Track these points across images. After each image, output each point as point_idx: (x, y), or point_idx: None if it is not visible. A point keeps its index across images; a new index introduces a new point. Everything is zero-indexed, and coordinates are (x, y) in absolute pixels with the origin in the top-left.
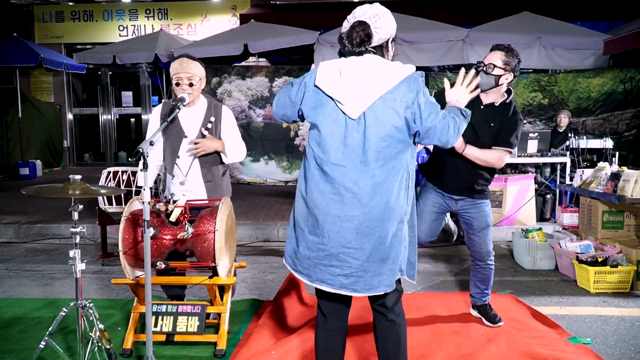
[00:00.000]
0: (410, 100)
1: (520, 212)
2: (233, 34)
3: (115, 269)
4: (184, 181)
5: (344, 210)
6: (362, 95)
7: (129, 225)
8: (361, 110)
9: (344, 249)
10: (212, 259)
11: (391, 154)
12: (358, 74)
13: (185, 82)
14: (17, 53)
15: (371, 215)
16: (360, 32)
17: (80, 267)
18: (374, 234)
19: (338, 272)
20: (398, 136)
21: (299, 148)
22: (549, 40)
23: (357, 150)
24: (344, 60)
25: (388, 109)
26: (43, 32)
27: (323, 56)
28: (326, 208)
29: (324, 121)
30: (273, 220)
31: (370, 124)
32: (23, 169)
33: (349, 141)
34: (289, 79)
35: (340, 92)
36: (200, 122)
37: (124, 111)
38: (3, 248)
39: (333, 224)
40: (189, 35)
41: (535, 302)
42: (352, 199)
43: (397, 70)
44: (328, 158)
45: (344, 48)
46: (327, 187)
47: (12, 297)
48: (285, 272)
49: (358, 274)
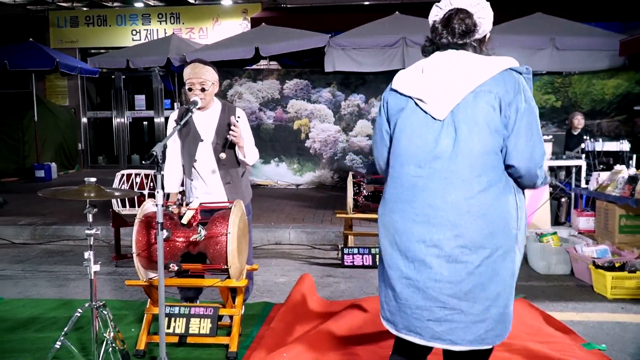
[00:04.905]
0: (507, 97)
1: (535, 216)
2: (244, 38)
3: (129, 270)
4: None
5: (429, 233)
6: (449, 90)
7: (143, 228)
8: (449, 108)
9: (432, 282)
10: (225, 262)
11: (491, 161)
12: (443, 68)
13: (198, 87)
14: (33, 57)
15: (466, 240)
16: (463, 20)
17: (95, 269)
18: (471, 262)
19: (427, 315)
20: (497, 137)
21: (310, 150)
22: (563, 42)
23: (445, 158)
24: (425, 59)
25: (482, 104)
26: (58, 37)
27: (334, 59)
28: (408, 232)
29: (403, 126)
30: (284, 223)
31: (461, 125)
32: (38, 171)
33: (434, 147)
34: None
35: (422, 89)
36: (216, 125)
37: (137, 114)
38: (19, 249)
39: (417, 251)
40: (201, 39)
41: (549, 308)
42: (440, 219)
43: (493, 63)
44: (408, 170)
45: (439, 38)
46: (406, 206)
47: (28, 298)
48: (295, 275)
49: (454, 317)
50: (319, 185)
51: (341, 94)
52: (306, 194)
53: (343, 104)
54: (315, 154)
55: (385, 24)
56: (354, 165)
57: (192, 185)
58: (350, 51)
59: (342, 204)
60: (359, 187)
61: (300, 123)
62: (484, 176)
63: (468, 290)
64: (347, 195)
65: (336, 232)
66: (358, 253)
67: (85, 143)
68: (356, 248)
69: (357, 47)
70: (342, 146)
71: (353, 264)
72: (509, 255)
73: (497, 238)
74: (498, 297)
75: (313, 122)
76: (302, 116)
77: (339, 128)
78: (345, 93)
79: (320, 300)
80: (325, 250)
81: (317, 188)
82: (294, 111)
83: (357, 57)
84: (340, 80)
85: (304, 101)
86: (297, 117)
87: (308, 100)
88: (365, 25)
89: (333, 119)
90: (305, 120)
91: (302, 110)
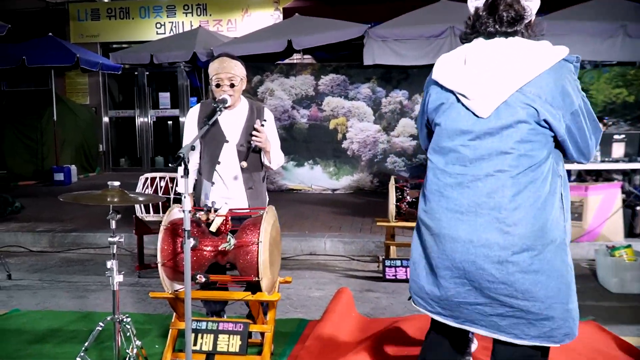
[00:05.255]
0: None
1: (605, 226)
2: (276, 30)
3: (152, 281)
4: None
5: (476, 233)
6: (495, 85)
7: (168, 236)
8: (493, 106)
9: (487, 283)
10: (256, 273)
11: (537, 156)
12: (489, 60)
13: (226, 83)
14: (53, 53)
15: (515, 237)
16: (511, 6)
17: (118, 279)
18: (523, 261)
19: (489, 311)
20: (541, 137)
21: (347, 152)
22: (636, 28)
23: (488, 156)
24: (468, 46)
25: (526, 106)
26: (78, 31)
27: (373, 52)
28: (454, 232)
29: (445, 122)
30: (319, 231)
31: (505, 123)
32: (58, 174)
33: (478, 145)
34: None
35: (465, 84)
36: (243, 125)
37: (161, 113)
38: (37, 257)
39: (466, 252)
40: (229, 32)
41: (624, 332)
42: (487, 217)
43: (543, 55)
44: (450, 169)
45: (484, 27)
46: (451, 204)
47: (46, 309)
48: (332, 289)
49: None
50: (357, 190)
51: (382, 89)
52: (343, 200)
53: (384, 101)
54: (353, 155)
55: (430, 13)
56: (396, 168)
57: (211, 188)
58: (391, 43)
59: (383, 211)
60: (401, 193)
61: (337, 122)
62: (530, 172)
63: (525, 289)
64: (388, 202)
65: (377, 242)
66: (401, 265)
67: (106, 144)
68: (399, 260)
69: (399, 38)
70: (383, 147)
71: (395, 278)
72: (561, 248)
73: (547, 233)
74: (559, 292)
75: (351, 121)
76: (339, 114)
77: (379, 127)
78: (386, 89)
79: (359, 317)
80: (365, 262)
81: (355, 193)
82: (330, 109)
83: (399, 49)
84: (381, 75)
85: (341, 98)
86: (334, 116)
87: (345, 97)
88: (408, 14)
89: (373, 117)
90: (342, 119)
91: (338, 108)
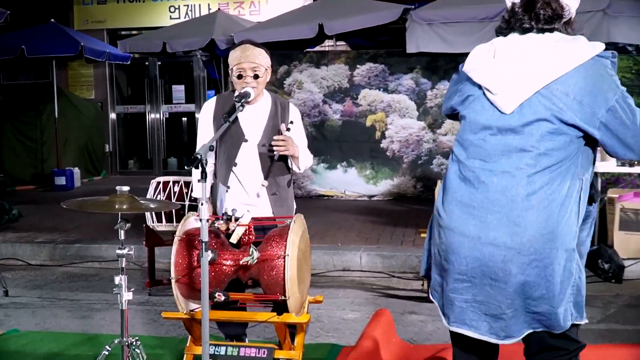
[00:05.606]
0: (584, 95)
1: None
2: (305, 13)
3: (165, 299)
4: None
5: (485, 229)
6: (520, 82)
7: (183, 248)
8: (517, 102)
9: (489, 280)
10: (282, 291)
11: (558, 156)
12: (518, 56)
13: (250, 74)
14: (55, 41)
15: (524, 238)
16: (548, 4)
17: (127, 297)
18: (529, 264)
19: (484, 310)
20: (564, 137)
21: (386, 152)
22: None
23: (507, 152)
24: (500, 39)
25: (551, 104)
26: (83, 17)
27: (417, 37)
28: (463, 226)
29: (469, 115)
30: (354, 244)
31: (527, 121)
32: (59, 178)
33: (498, 140)
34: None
35: (491, 78)
36: (265, 123)
37: (175, 109)
38: (36, 271)
39: (472, 248)
40: (252, 16)
41: None
42: (498, 215)
43: (574, 51)
44: (470, 162)
45: (520, 24)
46: (466, 197)
47: (47, 330)
48: (369, 311)
49: (509, 315)
50: (397, 197)
51: (427, 81)
52: (381, 208)
53: (429, 94)
54: (394, 157)
55: None
56: (443, 171)
57: (227, 193)
58: (438, 26)
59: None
60: None
61: (375, 118)
62: (548, 172)
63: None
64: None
65: (420, 256)
66: None
67: (113, 144)
68: None
69: (447, 20)
70: (428, 147)
71: None
72: (569, 254)
73: (557, 237)
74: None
75: (391, 117)
76: (377, 110)
77: (424, 124)
78: (432, 80)
79: (401, 343)
80: (407, 280)
81: (396, 200)
82: (367, 103)
83: (447, 34)
84: (426, 64)
85: (380, 91)
86: (371, 111)
87: (385, 89)
88: None
89: (416, 113)
90: (380, 114)
91: (376, 103)
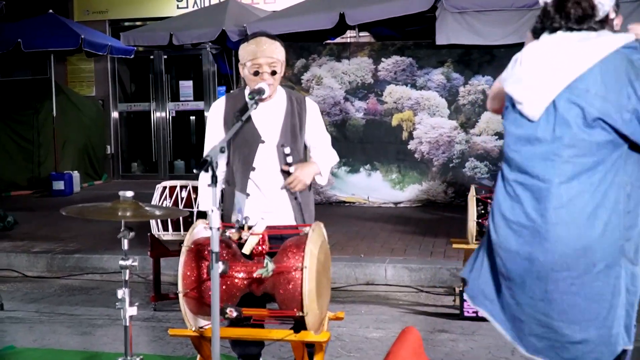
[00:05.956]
0: (608, 90)
1: None
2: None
3: (172, 315)
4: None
5: (521, 244)
6: (542, 86)
7: (191, 259)
8: (542, 107)
9: (529, 299)
10: (299, 307)
11: (587, 164)
12: (540, 59)
13: (267, 70)
14: (53, 34)
15: (555, 255)
16: (579, 4)
17: (131, 312)
18: (563, 280)
19: (527, 330)
20: (596, 140)
21: (414, 154)
22: None
23: (535, 163)
24: (530, 45)
25: (572, 105)
26: (83, 7)
27: (448, 27)
28: (506, 241)
29: (507, 127)
30: (379, 255)
31: (552, 125)
32: (57, 182)
33: (527, 151)
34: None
35: (517, 87)
36: (281, 121)
37: (182, 107)
38: (33, 284)
39: (513, 262)
40: (267, 4)
41: None
42: (530, 229)
43: (595, 45)
44: (509, 175)
45: (550, 23)
46: (507, 212)
47: (45, 347)
48: (395, 329)
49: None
50: (426, 203)
51: (459, 76)
52: (409, 215)
53: (461, 91)
54: (422, 159)
55: None
56: (477, 175)
57: (245, 202)
58: (471, 15)
59: (460, 230)
60: (484, 206)
61: (402, 117)
62: (576, 183)
63: (561, 310)
64: (467, 218)
65: (452, 269)
66: None
67: (115, 145)
68: None
69: (481, 9)
70: (460, 149)
71: (476, 315)
72: (610, 269)
73: (593, 253)
74: (598, 317)
75: (419, 115)
76: (404, 108)
77: (456, 124)
78: (464, 75)
79: None
80: (437, 295)
81: (425, 207)
82: (393, 101)
83: (481, 24)
84: (458, 57)
85: (407, 87)
86: (397, 110)
87: (412, 85)
88: None
89: (447, 111)
90: (408, 113)
91: (403, 100)
